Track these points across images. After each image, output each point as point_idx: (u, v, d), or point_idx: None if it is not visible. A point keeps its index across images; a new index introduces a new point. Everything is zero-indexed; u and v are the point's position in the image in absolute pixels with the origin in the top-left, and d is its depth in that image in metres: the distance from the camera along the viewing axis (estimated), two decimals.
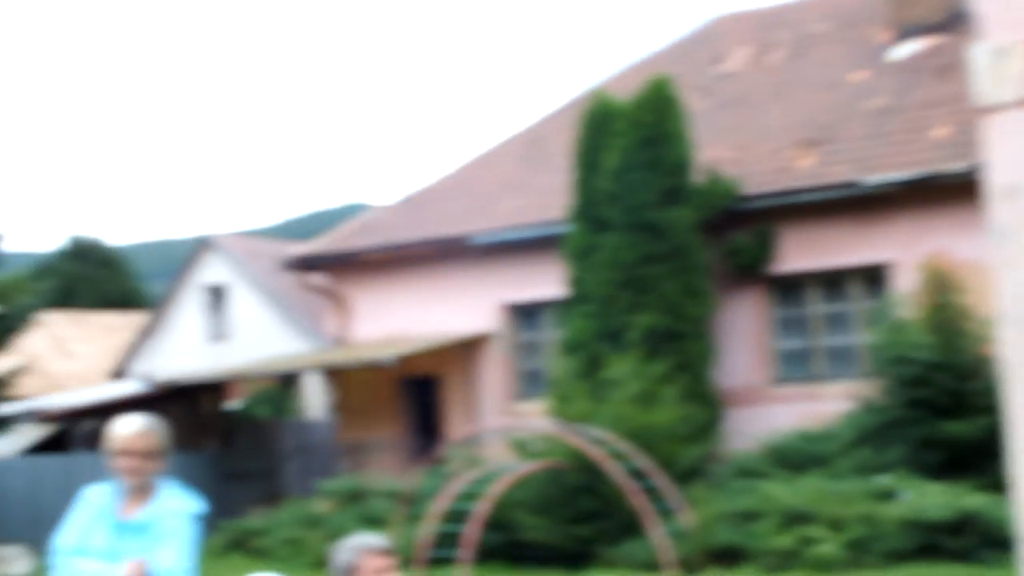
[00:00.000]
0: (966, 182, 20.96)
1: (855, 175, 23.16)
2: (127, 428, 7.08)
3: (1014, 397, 9.03)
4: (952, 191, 21.78)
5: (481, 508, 19.22)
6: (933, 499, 17.75)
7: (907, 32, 26.30)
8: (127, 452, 7.04)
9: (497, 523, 20.55)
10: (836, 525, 17.74)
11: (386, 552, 6.15)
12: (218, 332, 39.10)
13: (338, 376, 28.58)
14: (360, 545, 6.12)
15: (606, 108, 23.82)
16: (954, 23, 25.92)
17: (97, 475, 7.44)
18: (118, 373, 41.17)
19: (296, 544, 23.45)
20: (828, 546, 17.21)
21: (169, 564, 6.97)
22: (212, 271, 39.65)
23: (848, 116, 25.02)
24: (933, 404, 20.03)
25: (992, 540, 16.89)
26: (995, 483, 17.50)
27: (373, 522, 22.78)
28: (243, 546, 24.72)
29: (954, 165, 21.84)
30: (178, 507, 7.15)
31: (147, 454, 7.06)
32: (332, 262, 29.02)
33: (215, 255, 39.56)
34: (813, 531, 17.63)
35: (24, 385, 33.74)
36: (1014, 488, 6.77)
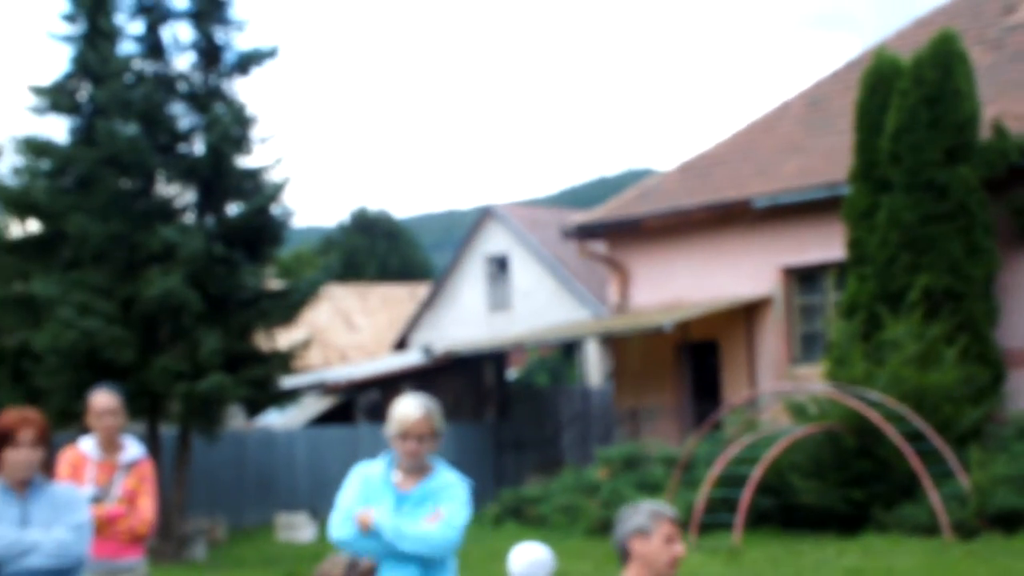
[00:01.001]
0: None
1: None
2: (410, 412, 7.33)
3: None
4: None
5: (755, 473, 19.05)
6: None
7: None
8: (409, 435, 7.29)
9: (771, 487, 20.36)
10: None
11: (677, 521, 6.23)
12: (499, 302, 39.38)
13: (617, 343, 28.55)
14: (655, 510, 6.20)
15: (889, 66, 23.26)
16: None
17: (378, 446, 7.77)
18: (400, 344, 41.83)
19: (572, 511, 23.52)
20: None
21: (445, 520, 7.26)
22: (494, 241, 39.96)
23: None
24: None
25: None
26: None
27: (649, 488, 22.74)
28: (520, 514, 24.89)
29: None
30: (452, 481, 7.41)
31: (427, 436, 7.31)
32: (612, 229, 28.99)
33: (497, 225, 39.86)
34: None
35: (310, 358, 34.58)
36: None
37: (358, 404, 31.35)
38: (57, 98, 25.11)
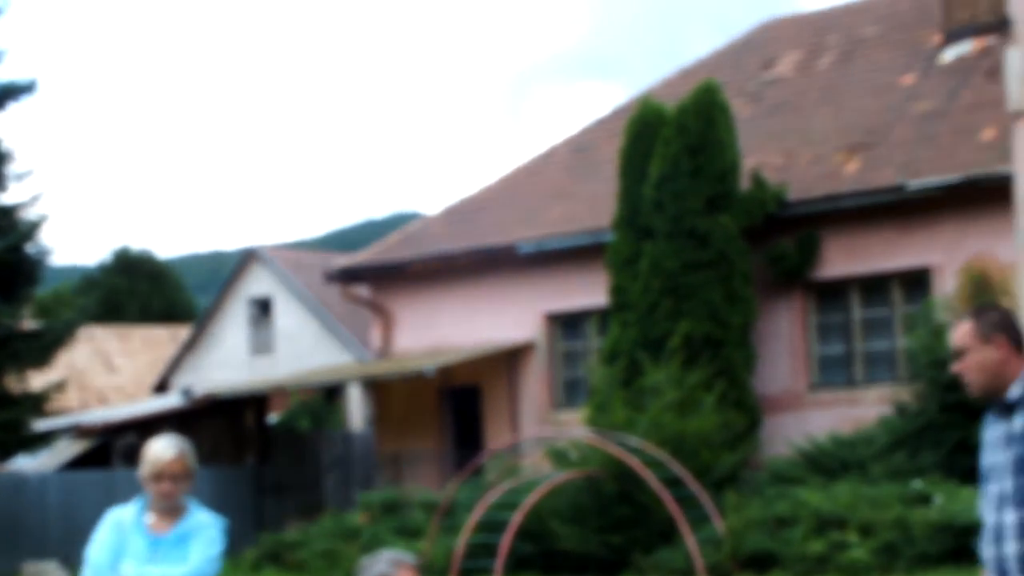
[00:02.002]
0: (1011, 185, 20.52)
1: (900, 179, 22.78)
2: (163, 453, 7.25)
3: None
4: (996, 194, 21.28)
5: (516, 518, 19.00)
6: (964, 503, 17.38)
7: (957, 34, 25.83)
8: (163, 476, 7.21)
9: (532, 533, 20.34)
10: (867, 530, 17.41)
11: (417, 568, 6.13)
12: (262, 345, 38.95)
13: (380, 388, 28.39)
14: (395, 558, 6.09)
15: (653, 115, 23.63)
16: (1005, 24, 25.44)
17: (135, 490, 7.61)
18: (161, 387, 41.13)
19: (332, 556, 23.23)
20: (859, 551, 16.87)
21: (194, 563, 7.21)
22: (257, 284, 39.52)
23: (896, 120, 24.62)
24: (968, 408, 19.69)
25: None
26: None
27: (410, 533, 22.60)
28: (279, 559, 24.53)
29: (999, 167, 21.36)
30: (207, 521, 7.37)
31: (181, 477, 7.25)
32: (376, 273, 28.88)
33: (261, 267, 39.42)
34: (845, 536, 17.29)
35: (67, 399, 33.77)
36: None
37: (115, 447, 30.61)
38: None
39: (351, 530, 24.01)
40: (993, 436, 6.29)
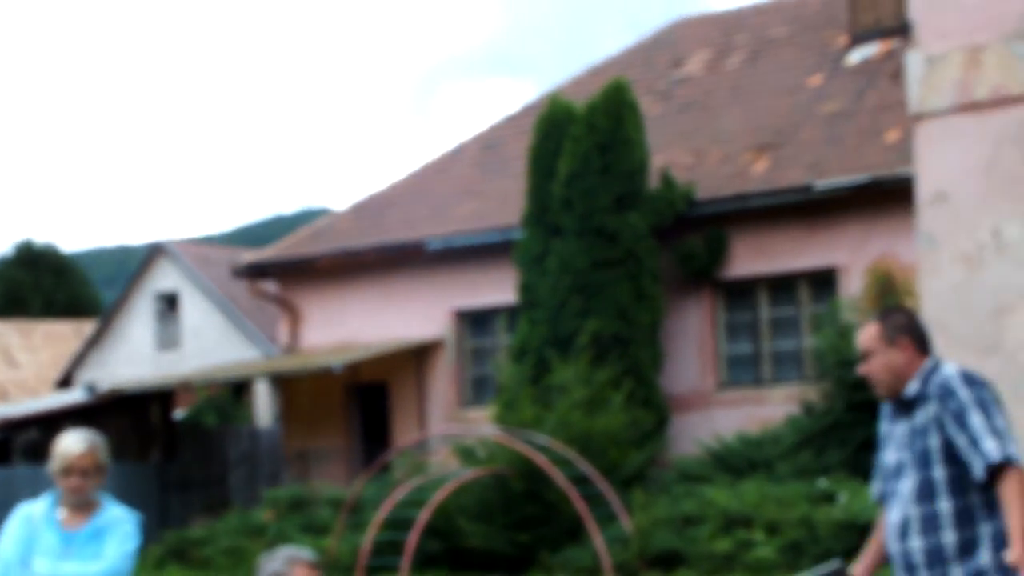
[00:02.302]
0: (913, 185, 20.70)
1: (808, 179, 22.94)
2: (73, 447, 7.16)
3: None
4: (901, 194, 21.35)
5: (423, 516, 18.93)
6: (867, 502, 17.52)
7: (863, 37, 26.05)
8: (73, 471, 7.12)
9: (439, 530, 20.28)
10: (774, 529, 17.50)
11: (314, 565, 6.11)
12: (168, 340, 38.67)
13: (287, 384, 28.23)
14: (291, 555, 6.09)
15: (562, 113, 23.62)
16: (908, 28, 25.66)
17: (38, 487, 7.48)
18: (65, 382, 40.69)
19: (237, 554, 23.07)
20: (765, 549, 16.96)
21: (109, 558, 7.15)
22: (164, 278, 39.24)
23: (803, 120, 24.79)
24: (873, 407, 19.77)
25: None
26: None
27: (316, 530, 22.49)
28: (183, 556, 24.33)
29: (903, 169, 21.54)
30: (122, 517, 7.31)
31: (92, 471, 7.16)
32: (283, 269, 28.71)
33: (168, 262, 39.14)
34: (751, 535, 17.38)
35: None
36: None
37: (15, 444, 30.22)
38: None
39: (256, 527, 23.86)
40: (897, 433, 6.37)
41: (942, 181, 9.20)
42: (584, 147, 22.86)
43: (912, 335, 6.43)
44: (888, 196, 21.95)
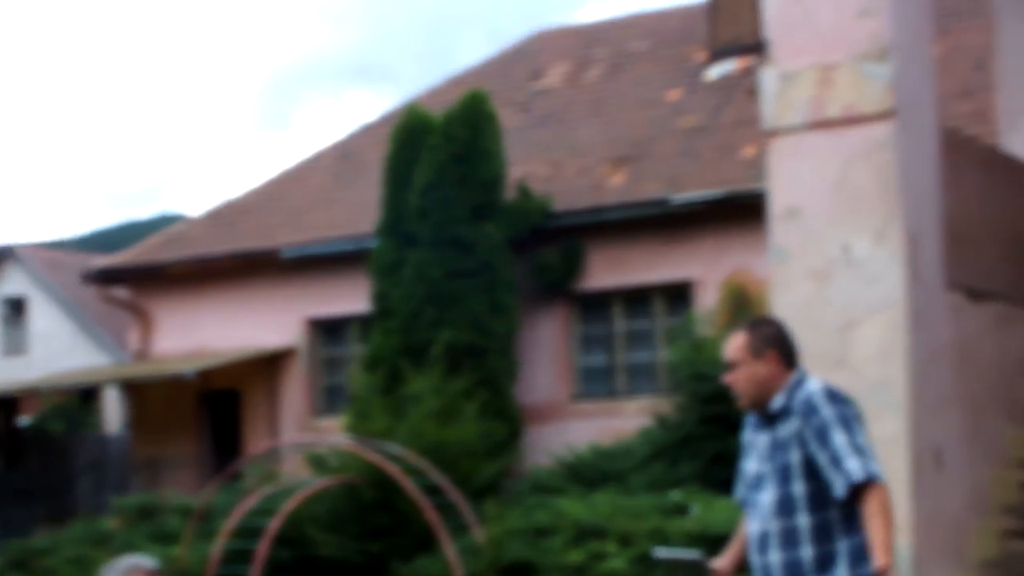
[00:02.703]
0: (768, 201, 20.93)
1: (664, 193, 23.09)
2: None
3: None
4: (756, 210, 21.47)
5: (273, 524, 18.74)
6: (719, 514, 17.63)
7: (722, 53, 26.26)
8: None
9: (290, 539, 20.08)
10: (626, 540, 17.49)
11: (156, 573, 5.99)
12: (15, 346, 38.09)
13: (137, 391, 27.87)
14: (131, 564, 5.95)
15: (419, 122, 23.58)
16: (765, 45, 25.93)
17: None
18: None
19: (82, 563, 22.63)
20: (617, 561, 16.94)
21: None
22: (11, 283, 38.62)
23: (661, 134, 24.95)
24: (727, 420, 20.09)
25: None
26: None
27: (164, 539, 22.14)
28: (25, 567, 23.85)
29: (759, 184, 21.71)
30: None
31: None
32: (135, 275, 28.34)
33: (15, 267, 38.54)
34: (604, 546, 17.37)
35: None
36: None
37: None
38: None
39: (103, 535, 23.45)
40: (760, 444, 6.36)
41: (794, 197, 9.30)
42: (441, 157, 22.83)
43: (779, 348, 6.40)
44: (743, 211, 22.11)
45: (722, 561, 6.63)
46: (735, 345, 6.44)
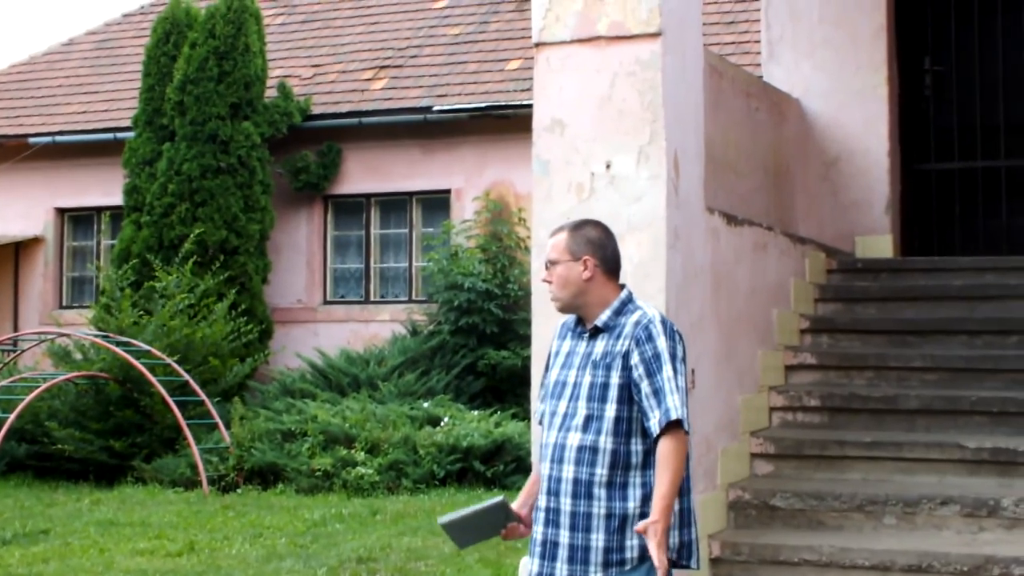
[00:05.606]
0: (531, 115, 20.97)
1: (426, 101, 23.00)
2: None
3: (538, 328, 8.89)
4: (517, 122, 21.69)
5: (10, 418, 18.31)
6: (470, 425, 17.77)
7: None
8: None
9: (28, 434, 19.68)
10: (375, 448, 17.52)
11: None
12: None
13: None
14: None
15: (183, 15, 23.16)
16: None
17: None
18: None
19: None
20: (365, 469, 16.95)
21: None
22: None
23: (425, 42, 24.81)
24: (480, 332, 20.31)
25: (523, 465, 16.96)
26: (530, 412, 17.66)
27: None
28: None
29: (521, 97, 21.81)
30: None
31: None
32: None
33: None
34: (352, 454, 17.36)
35: None
36: (533, 415, 6.51)
37: None
38: None
39: None
40: (571, 354, 6.20)
41: (559, 110, 9.28)
42: (202, 52, 22.43)
43: (598, 255, 6.14)
44: (505, 124, 22.18)
45: (517, 502, 6.34)
46: (554, 244, 6.17)
